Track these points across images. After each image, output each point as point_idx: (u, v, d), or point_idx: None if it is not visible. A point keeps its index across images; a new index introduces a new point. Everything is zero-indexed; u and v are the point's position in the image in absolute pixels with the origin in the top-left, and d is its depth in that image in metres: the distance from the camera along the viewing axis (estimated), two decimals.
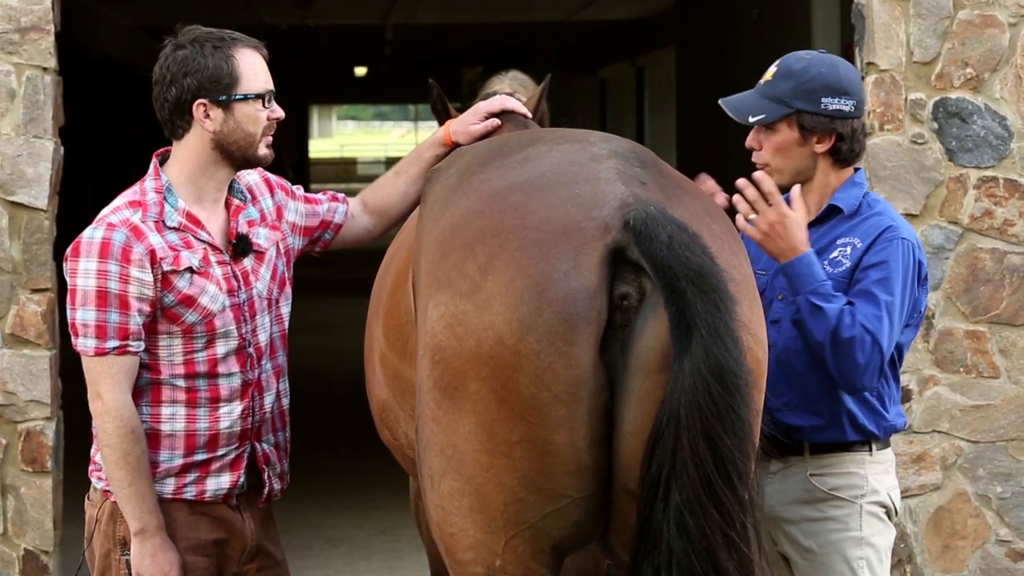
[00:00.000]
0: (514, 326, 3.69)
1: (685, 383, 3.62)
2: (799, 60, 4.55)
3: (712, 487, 3.64)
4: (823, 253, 4.50)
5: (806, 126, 4.49)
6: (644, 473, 3.66)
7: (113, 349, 4.26)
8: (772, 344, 4.45)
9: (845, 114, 4.50)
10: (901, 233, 4.47)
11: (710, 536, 3.64)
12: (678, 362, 3.63)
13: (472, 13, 22.95)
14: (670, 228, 3.71)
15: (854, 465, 4.53)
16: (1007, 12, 6.69)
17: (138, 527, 4.30)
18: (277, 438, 4.54)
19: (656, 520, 3.66)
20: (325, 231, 4.75)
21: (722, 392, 3.63)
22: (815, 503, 4.53)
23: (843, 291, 4.42)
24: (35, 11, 6.64)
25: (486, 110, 4.93)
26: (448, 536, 3.88)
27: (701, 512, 3.63)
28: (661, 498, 3.65)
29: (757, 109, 4.53)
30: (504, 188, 3.92)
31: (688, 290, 3.64)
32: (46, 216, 6.65)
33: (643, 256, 3.69)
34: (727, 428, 3.64)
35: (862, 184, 4.59)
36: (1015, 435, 6.71)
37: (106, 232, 4.28)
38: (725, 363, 3.64)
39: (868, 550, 4.51)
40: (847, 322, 4.32)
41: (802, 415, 4.50)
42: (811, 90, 4.48)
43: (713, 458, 3.64)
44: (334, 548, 8.83)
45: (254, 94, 4.37)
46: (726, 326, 3.66)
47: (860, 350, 4.32)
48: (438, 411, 3.83)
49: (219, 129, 4.35)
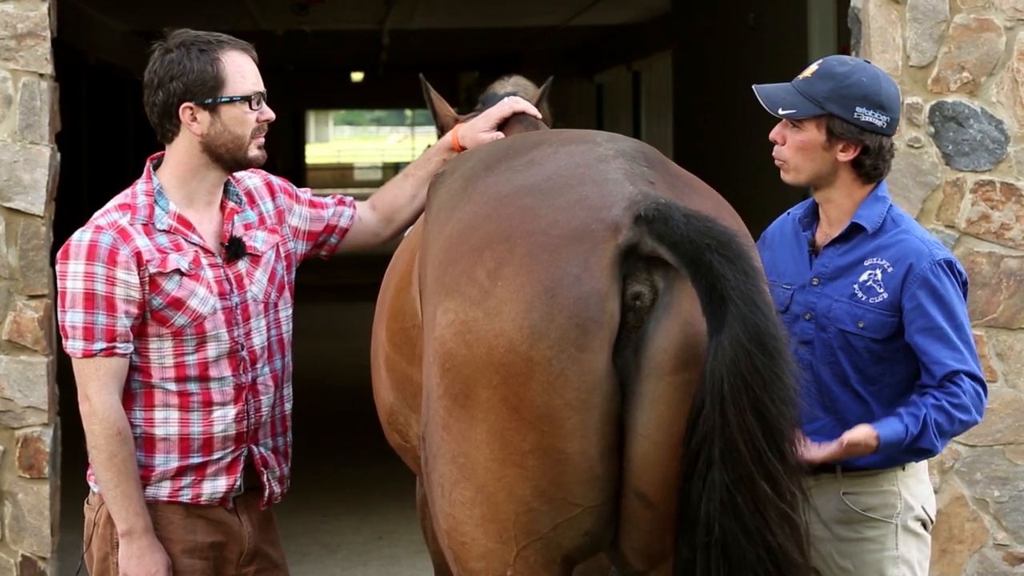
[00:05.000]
0: (525, 332, 3.65)
1: (727, 357, 3.54)
2: (842, 64, 4.45)
3: (763, 461, 3.57)
4: (849, 273, 4.43)
5: (835, 131, 4.38)
6: (683, 452, 3.60)
7: (100, 351, 4.26)
8: (807, 366, 4.41)
9: (876, 128, 4.39)
10: (936, 256, 4.39)
11: (763, 512, 3.58)
12: (716, 337, 3.56)
13: (468, 18, 22.94)
14: (684, 209, 3.67)
15: (887, 483, 4.46)
16: (1003, 16, 6.69)
17: (125, 528, 4.30)
18: (276, 442, 4.53)
19: (695, 499, 3.59)
20: (331, 235, 4.74)
21: (765, 360, 3.56)
22: (850, 523, 4.46)
23: (883, 322, 4.37)
24: (31, 17, 6.63)
25: (497, 115, 4.88)
26: (459, 545, 3.84)
27: (752, 489, 3.57)
28: (700, 475, 3.58)
29: (789, 103, 4.41)
30: (511, 192, 3.88)
31: (714, 260, 3.57)
32: (43, 222, 6.65)
33: (659, 240, 3.63)
34: (775, 397, 3.57)
35: (885, 198, 4.49)
36: (1012, 439, 6.70)
37: (93, 235, 4.29)
38: (765, 328, 3.57)
39: (904, 567, 4.46)
40: (943, 418, 4.29)
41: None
42: (848, 96, 4.37)
43: (763, 430, 3.57)
44: (331, 553, 8.82)
45: (240, 96, 4.36)
46: (759, 292, 3.59)
47: (976, 410, 4.32)
48: (449, 419, 3.79)
49: (206, 132, 4.35)
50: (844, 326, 4.41)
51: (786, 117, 4.43)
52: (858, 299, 4.40)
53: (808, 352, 4.43)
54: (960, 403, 4.30)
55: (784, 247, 4.61)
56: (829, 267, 4.47)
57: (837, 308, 4.43)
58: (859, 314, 4.40)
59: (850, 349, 4.41)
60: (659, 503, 3.70)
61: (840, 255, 4.46)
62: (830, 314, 4.43)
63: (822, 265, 4.49)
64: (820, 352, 4.43)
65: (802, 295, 4.48)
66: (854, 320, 4.40)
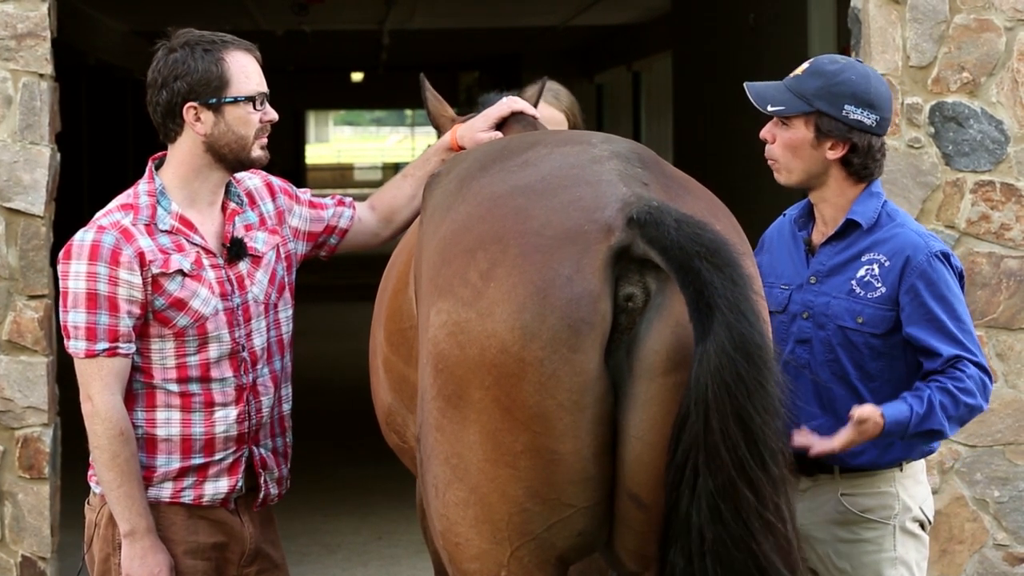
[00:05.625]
0: (517, 333, 3.65)
1: (711, 364, 3.54)
2: (833, 62, 4.46)
3: (745, 469, 3.57)
4: (846, 269, 4.43)
5: (822, 129, 4.39)
6: (670, 460, 3.60)
7: (103, 351, 4.26)
8: (805, 365, 4.42)
9: (864, 126, 4.39)
10: (932, 248, 4.40)
11: (746, 520, 3.58)
12: (701, 344, 3.56)
13: (468, 18, 22.94)
14: (676, 214, 3.67)
15: (885, 484, 4.47)
16: (1003, 16, 6.69)
17: (127, 528, 4.30)
18: (276, 443, 4.54)
19: (684, 506, 3.60)
20: (330, 236, 4.74)
21: (749, 368, 3.56)
22: (847, 524, 4.47)
23: (882, 316, 4.37)
24: (31, 17, 6.64)
25: (496, 116, 4.88)
26: (453, 546, 3.85)
27: (735, 496, 3.57)
28: (688, 483, 3.59)
29: (778, 100, 4.43)
30: (505, 192, 3.88)
31: (703, 268, 3.57)
32: (43, 222, 6.65)
33: (650, 244, 3.63)
34: (757, 405, 3.57)
35: (879, 194, 4.50)
36: (1012, 439, 6.71)
37: (96, 235, 4.29)
38: (750, 337, 3.57)
39: (902, 568, 4.46)
40: (948, 400, 4.28)
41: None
42: (836, 94, 4.38)
43: (745, 439, 3.57)
44: (331, 554, 8.82)
45: (244, 96, 4.36)
46: (746, 300, 3.59)
47: (981, 396, 4.31)
48: (442, 420, 3.79)
49: (210, 132, 4.35)
50: (843, 322, 4.41)
51: (775, 114, 4.44)
52: (856, 295, 4.41)
53: (806, 351, 4.43)
54: (964, 387, 4.29)
55: (782, 248, 4.61)
56: (826, 265, 4.48)
57: (835, 305, 4.43)
58: (857, 310, 4.40)
59: (849, 345, 4.41)
60: (652, 504, 3.69)
61: (837, 252, 4.47)
62: (828, 311, 4.43)
63: (819, 263, 4.49)
64: (819, 350, 4.43)
65: (800, 294, 4.49)
66: (852, 316, 4.40)
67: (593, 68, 28.87)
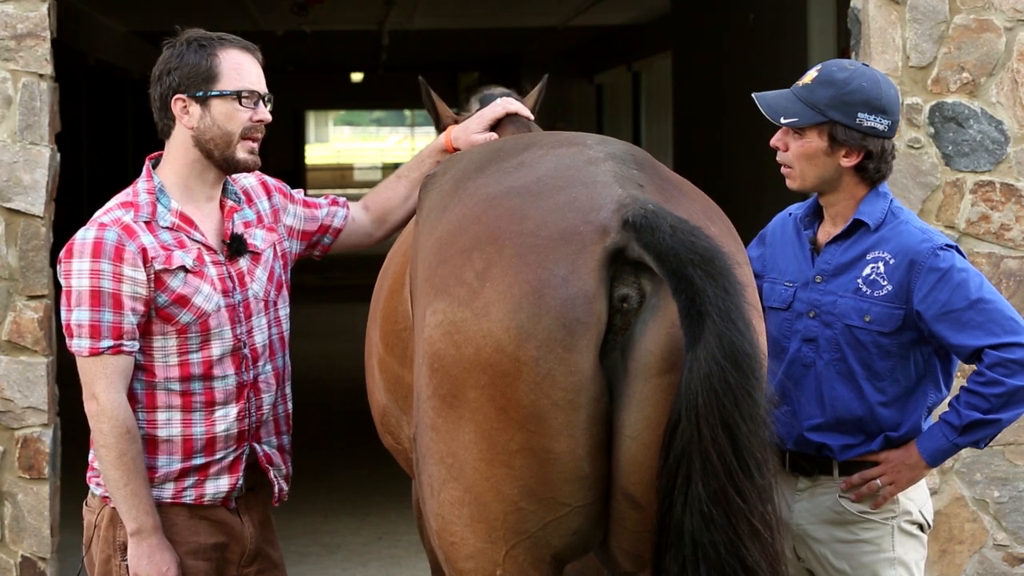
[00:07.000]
0: (512, 333, 3.67)
1: (701, 371, 3.57)
2: (842, 69, 4.43)
3: (733, 476, 3.59)
4: (852, 268, 4.44)
5: (837, 138, 4.38)
6: (662, 466, 3.63)
7: (107, 349, 4.26)
8: (810, 364, 4.44)
9: (879, 132, 4.39)
10: (936, 242, 4.39)
11: (736, 526, 3.59)
12: (692, 351, 3.59)
13: (468, 19, 22.94)
14: (671, 219, 3.68)
15: None
16: (1003, 17, 6.69)
17: (134, 527, 4.30)
18: (281, 440, 4.54)
19: (677, 513, 3.62)
20: (324, 235, 4.75)
21: (738, 376, 3.58)
22: (846, 525, 4.47)
23: (889, 314, 4.37)
24: (31, 18, 6.64)
25: (490, 117, 4.91)
26: (449, 545, 3.86)
27: (725, 502, 3.59)
28: (680, 490, 3.60)
29: (790, 111, 4.41)
30: (500, 193, 3.90)
31: (696, 276, 3.59)
32: (43, 223, 6.65)
33: (645, 249, 3.65)
34: (744, 414, 3.59)
35: (886, 194, 4.50)
36: (1012, 439, 6.71)
37: (98, 232, 4.28)
38: (740, 345, 3.59)
39: (900, 568, 4.47)
40: (978, 400, 4.31)
41: (833, 435, 4.44)
42: (850, 103, 4.37)
43: (732, 447, 3.59)
44: (331, 554, 8.82)
45: (231, 91, 4.36)
46: (737, 309, 3.61)
47: (1008, 378, 4.30)
48: (437, 419, 3.81)
49: (196, 125, 4.36)
50: (850, 321, 4.41)
51: (788, 126, 4.42)
52: (863, 293, 4.41)
53: (812, 349, 4.44)
54: (985, 379, 4.30)
55: (785, 245, 4.61)
56: (831, 264, 4.48)
57: (842, 303, 4.43)
58: (865, 308, 4.40)
59: (857, 344, 4.41)
60: (647, 504, 3.71)
61: (842, 251, 4.47)
62: (835, 310, 4.44)
63: (824, 262, 4.50)
64: (825, 349, 4.44)
65: (805, 292, 4.49)
66: (860, 314, 4.40)
67: (593, 68, 28.87)
